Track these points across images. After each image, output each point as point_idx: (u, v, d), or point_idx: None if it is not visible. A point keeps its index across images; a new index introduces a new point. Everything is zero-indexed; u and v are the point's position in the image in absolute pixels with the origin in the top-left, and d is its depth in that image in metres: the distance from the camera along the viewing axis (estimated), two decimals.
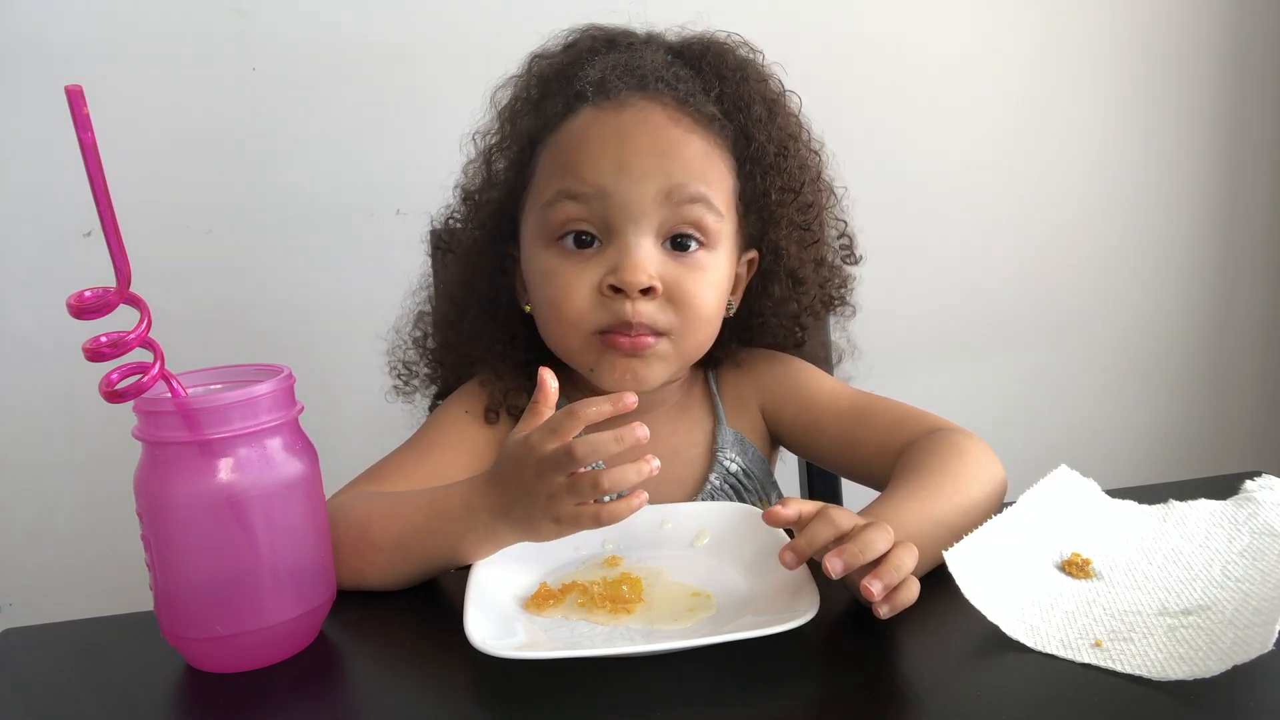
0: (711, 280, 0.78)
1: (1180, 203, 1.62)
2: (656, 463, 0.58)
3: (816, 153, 0.86)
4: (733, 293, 0.84)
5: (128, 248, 0.52)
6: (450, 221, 0.90)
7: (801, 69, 0.88)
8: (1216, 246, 1.65)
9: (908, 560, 0.55)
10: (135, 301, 0.53)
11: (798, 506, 0.58)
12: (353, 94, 1.30)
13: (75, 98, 0.49)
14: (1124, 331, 1.65)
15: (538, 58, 0.84)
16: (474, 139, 0.87)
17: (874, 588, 0.53)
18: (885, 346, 1.47)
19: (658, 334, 0.77)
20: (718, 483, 0.84)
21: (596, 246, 0.76)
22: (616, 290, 0.75)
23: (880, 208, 1.45)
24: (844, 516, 0.57)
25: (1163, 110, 1.58)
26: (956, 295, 1.56)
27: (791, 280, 0.85)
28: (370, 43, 1.29)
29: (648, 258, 0.75)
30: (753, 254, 0.85)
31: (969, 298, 1.57)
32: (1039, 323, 1.61)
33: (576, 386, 0.85)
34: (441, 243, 0.91)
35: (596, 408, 0.59)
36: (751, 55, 0.84)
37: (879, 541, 0.55)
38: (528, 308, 0.83)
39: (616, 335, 0.76)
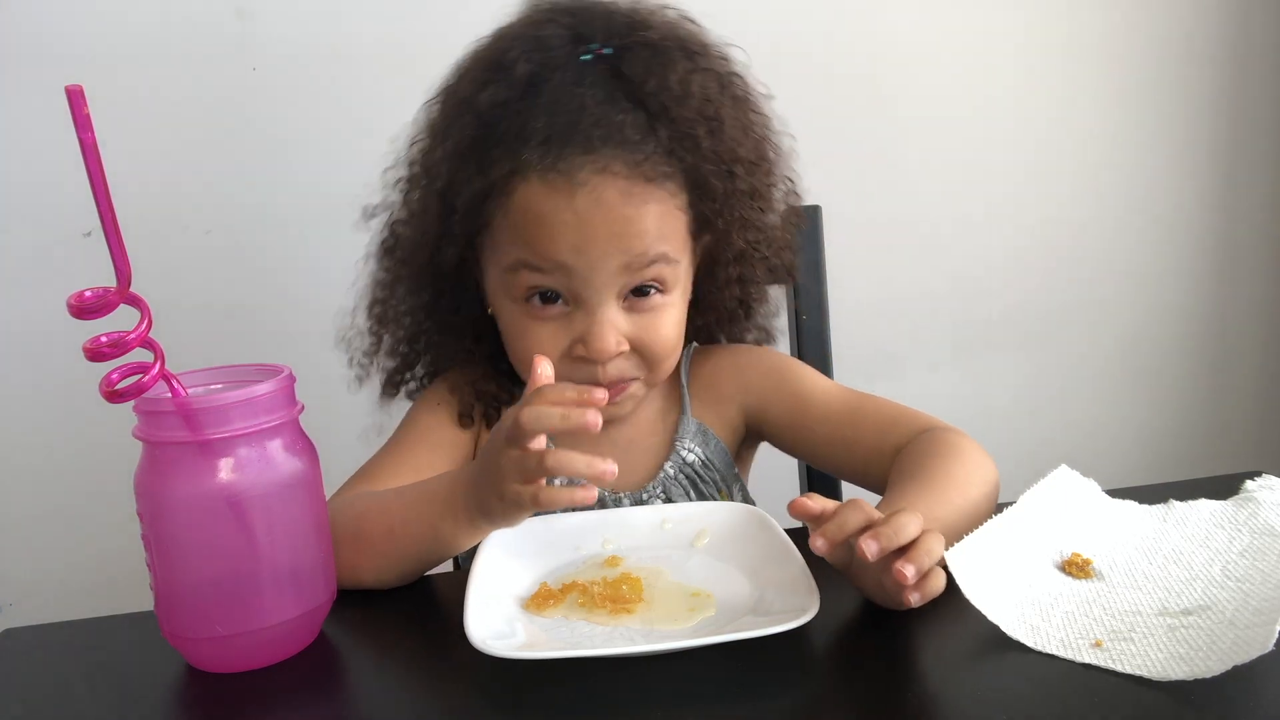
0: (671, 318, 0.80)
1: (1180, 202, 1.62)
2: (613, 467, 0.56)
3: (760, 114, 0.84)
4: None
5: (128, 248, 0.52)
6: (396, 227, 0.88)
7: (797, 68, 0.88)
8: (1216, 246, 1.65)
9: (937, 547, 0.56)
10: (135, 301, 0.53)
11: (821, 502, 0.58)
12: (353, 94, 1.29)
13: (75, 98, 0.49)
14: (1124, 331, 1.65)
15: (469, 78, 0.79)
16: (412, 141, 0.85)
17: (908, 570, 0.53)
18: (884, 347, 1.48)
19: (628, 380, 0.80)
20: (672, 472, 0.84)
21: (562, 305, 0.77)
22: (586, 358, 0.77)
23: (878, 208, 1.46)
24: (871, 507, 0.57)
25: (1162, 109, 1.58)
26: (955, 295, 1.56)
27: (737, 261, 0.85)
28: (370, 43, 1.29)
29: (613, 326, 0.76)
30: (706, 238, 0.84)
31: (968, 297, 1.57)
32: (1039, 322, 1.61)
33: None
34: (388, 244, 0.89)
35: (570, 393, 0.58)
36: (691, 34, 0.80)
37: (910, 526, 0.55)
38: (490, 310, 0.84)
39: None
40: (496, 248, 0.79)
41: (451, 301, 0.85)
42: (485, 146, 0.77)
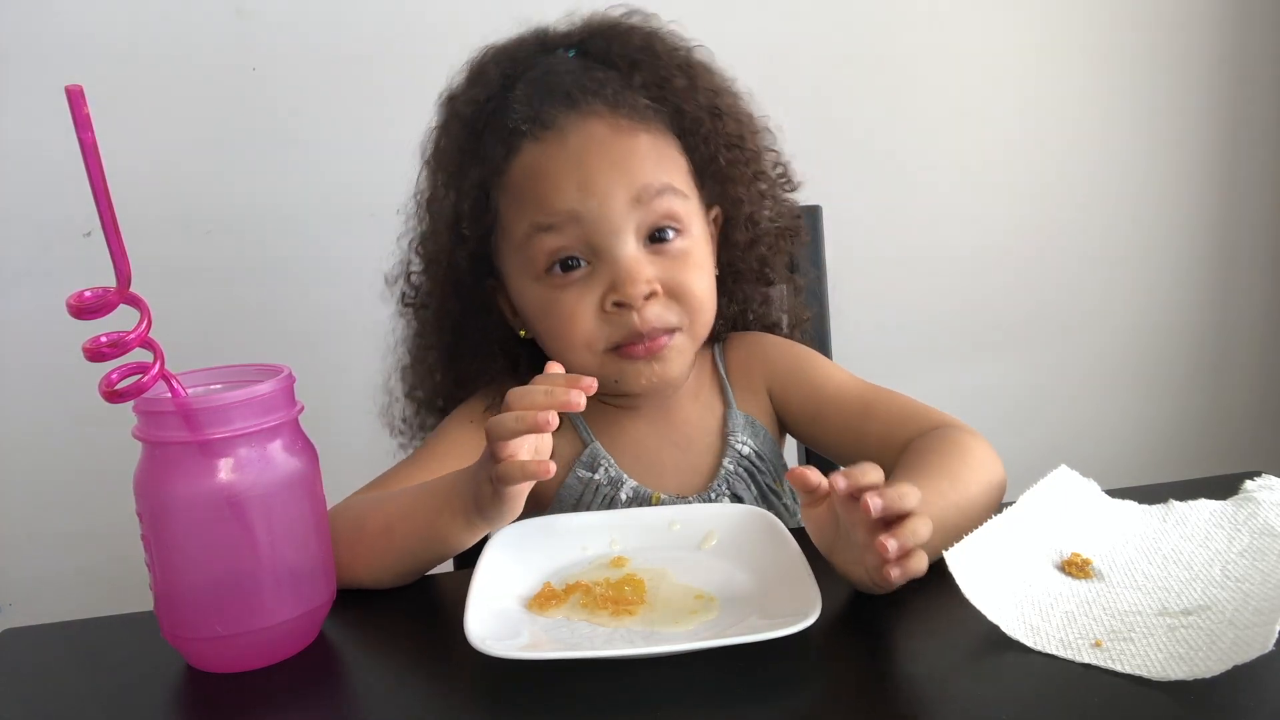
0: (697, 261, 0.80)
1: (1180, 202, 1.62)
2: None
3: (731, 92, 0.86)
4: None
5: (128, 248, 0.52)
6: (412, 278, 0.88)
7: (804, 69, 0.88)
8: (1216, 246, 1.65)
9: (923, 529, 0.56)
10: (135, 301, 0.53)
11: (819, 475, 0.59)
12: (353, 94, 1.30)
13: (75, 98, 0.49)
14: (1124, 331, 1.65)
15: (452, 99, 0.84)
16: (416, 200, 0.86)
17: (890, 544, 0.54)
18: (884, 347, 1.48)
19: (670, 331, 0.78)
20: (731, 467, 0.84)
21: (584, 268, 0.77)
22: (620, 305, 0.76)
23: (881, 208, 1.46)
24: (881, 471, 0.58)
25: (1162, 110, 1.58)
26: (957, 295, 1.56)
27: (749, 223, 0.87)
28: (371, 42, 1.29)
29: (640, 265, 0.76)
30: (716, 210, 0.86)
31: (969, 298, 1.57)
32: (1039, 323, 1.61)
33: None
34: (410, 301, 0.89)
35: (561, 380, 0.60)
36: (649, 28, 0.84)
37: (910, 498, 0.57)
38: (523, 333, 0.84)
39: (631, 346, 0.78)
40: (509, 231, 0.79)
41: (479, 325, 0.84)
42: (475, 140, 0.80)
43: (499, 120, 0.79)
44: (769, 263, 0.90)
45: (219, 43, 1.25)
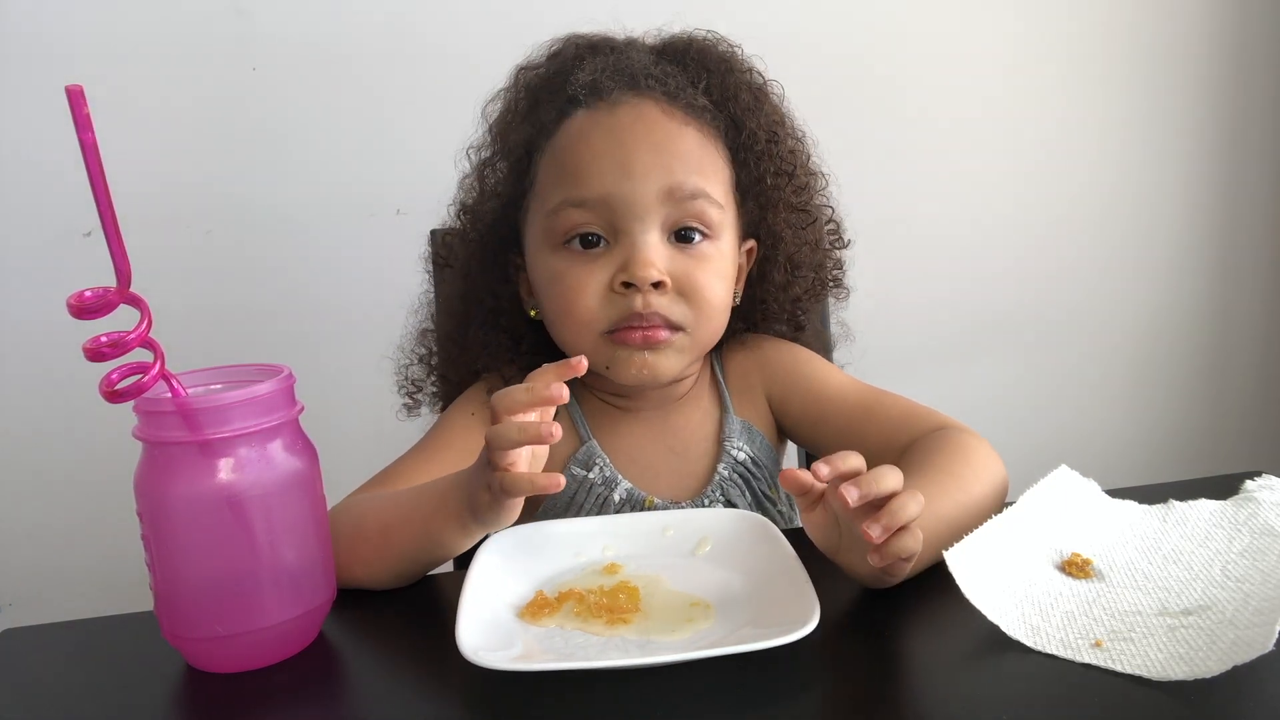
0: (718, 269, 0.79)
1: (1180, 202, 1.62)
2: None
3: (801, 139, 0.87)
4: (735, 282, 0.85)
5: (128, 248, 0.52)
6: (448, 238, 0.91)
7: (800, 69, 0.88)
8: (1216, 246, 1.65)
9: (911, 506, 0.56)
10: (135, 301, 0.53)
11: (812, 478, 0.59)
12: (353, 94, 1.30)
13: (75, 98, 0.49)
14: (1124, 331, 1.65)
15: (524, 69, 0.85)
16: (468, 153, 0.87)
17: (873, 530, 0.54)
18: (885, 347, 1.47)
19: (673, 328, 0.77)
20: (726, 473, 0.83)
21: (603, 246, 0.77)
22: (627, 286, 0.75)
23: (880, 208, 1.46)
24: (863, 459, 0.58)
25: (1162, 110, 1.58)
26: (957, 295, 1.56)
27: (789, 265, 0.86)
28: (371, 43, 1.29)
29: (656, 253, 0.75)
30: (751, 243, 0.85)
31: (969, 298, 1.57)
32: (1039, 323, 1.61)
33: (586, 387, 0.85)
34: (440, 258, 0.90)
35: (551, 372, 0.60)
36: (731, 50, 0.85)
37: (889, 479, 0.56)
38: (533, 313, 0.83)
39: (627, 330, 0.76)
40: (542, 198, 0.79)
41: (494, 297, 0.84)
42: (533, 104, 0.82)
43: (559, 84, 0.80)
44: (802, 307, 0.89)
45: (219, 42, 1.25)
